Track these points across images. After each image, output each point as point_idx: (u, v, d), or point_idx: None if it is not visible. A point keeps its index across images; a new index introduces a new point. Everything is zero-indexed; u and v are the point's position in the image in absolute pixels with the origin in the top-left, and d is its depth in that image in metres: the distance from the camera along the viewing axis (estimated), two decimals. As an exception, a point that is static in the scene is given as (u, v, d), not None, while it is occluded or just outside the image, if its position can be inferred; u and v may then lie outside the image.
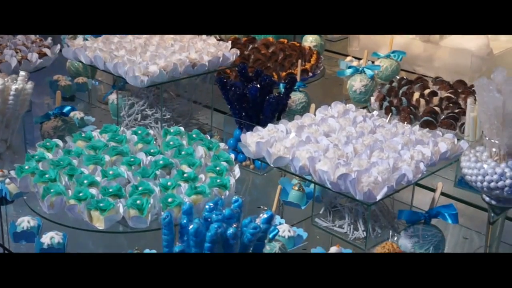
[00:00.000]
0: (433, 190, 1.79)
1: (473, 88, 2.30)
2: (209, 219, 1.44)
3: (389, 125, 1.99)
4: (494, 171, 1.55)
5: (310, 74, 2.69)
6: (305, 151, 1.78)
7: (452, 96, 2.38)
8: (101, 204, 1.70)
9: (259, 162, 2.12)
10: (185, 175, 1.85)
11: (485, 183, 1.56)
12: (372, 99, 2.43)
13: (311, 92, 2.59)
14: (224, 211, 1.45)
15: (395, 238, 1.68)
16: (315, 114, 2.07)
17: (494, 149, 1.57)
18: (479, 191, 1.62)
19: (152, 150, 1.98)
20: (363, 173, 1.66)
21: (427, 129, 2.00)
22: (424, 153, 1.79)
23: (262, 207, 1.56)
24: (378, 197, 1.64)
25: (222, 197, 1.75)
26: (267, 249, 1.62)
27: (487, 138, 1.57)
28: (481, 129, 1.63)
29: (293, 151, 1.80)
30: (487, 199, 1.62)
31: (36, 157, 1.94)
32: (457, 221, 1.71)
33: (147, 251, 1.68)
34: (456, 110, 2.26)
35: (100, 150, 1.98)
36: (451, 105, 2.31)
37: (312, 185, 1.95)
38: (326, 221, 1.91)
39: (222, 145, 2.07)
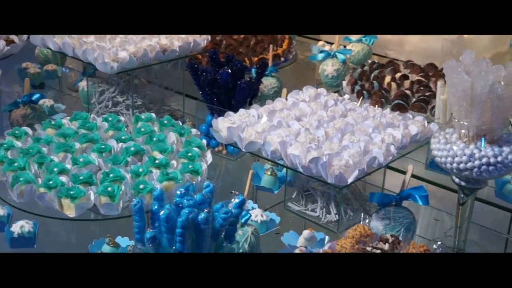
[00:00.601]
0: (405, 173, 1.80)
1: (443, 71, 2.32)
2: (180, 205, 1.43)
3: (360, 109, 1.99)
4: (463, 153, 1.56)
5: (282, 59, 2.69)
6: (277, 135, 1.78)
7: (423, 79, 2.39)
8: (71, 192, 1.68)
9: (232, 147, 2.12)
10: (156, 161, 1.84)
11: (454, 165, 1.58)
12: (344, 83, 2.43)
13: (283, 77, 2.59)
14: (195, 196, 1.45)
15: (367, 221, 1.69)
16: (286, 99, 2.07)
17: (463, 131, 1.58)
18: (449, 172, 1.63)
19: (123, 137, 1.97)
20: (334, 156, 1.67)
21: (398, 112, 2.01)
22: (395, 136, 1.80)
23: (233, 192, 1.56)
24: (349, 180, 1.65)
25: (194, 182, 1.75)
26: (240, 233, 1.62)
27: (456, 120, 1.58)
28: (450, 111, 1.64)
29: (264, 136, 1.80)
30: (456, 180, 1.64)
31: (5, 145, 1.91)
32: (427, 202, 1.73)
33: (119, 238, 1.67)
34: (427, 93, 2.27)
35: (70, 137, 1.96)
36: (422, 88, 2.32)
37: (284, 170, 1.96)
38: (299, 205, 1.92)
39: (194, 131, 2.06)
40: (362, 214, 1.70)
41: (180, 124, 2.10)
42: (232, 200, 1.49)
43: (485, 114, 1.53)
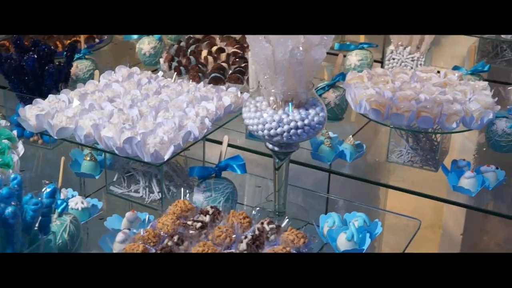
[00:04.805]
0: (226, 145, 1.82)
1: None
2: (-16, 201, 1.35)
3: (175, 85, 1.99)
4: (273, 119, 1.60)
5: (97, 40, 2.61)
6: (89, 119, 1.73)
7: (239, 51, 2.43)
8: None
9: (48, 136, 2.03)
10: (-39, 159, 1.72)
11: (265, 131, 1.61)
12: (161, 60, 2.41)
13: (102, 58, 2.53)
14: (1, 190, 1.37)
15: (187, 196, 1.69)
16: (99, 81, 2.02)
17: (271, 98, 1.62)
18: (262, 139, 1.67)
19: None
20: (148, 134, 1.65)
21: (211, 85, 2.02)
22: (209, 109, 1.81)
23: (44, 181, 1.50)
24: (166, 157, 1.64)
25: (1, 176, 1.65)
26: (57, 223, 1.56)
27: (263, 88, 1.62)
28: (258, 80, 1.67)
29: (76, 120, 1.74)
30: (270, 146, 1.68)
31: None
32: (245, 170, 1.76)
33: None
34: (243, 64, 2.31)
35: None
36: (238, 59, 2.36)
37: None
38: (121, 187, 1.88)
39: (3, 122, 1.94)
40: (182, 190, 1.70)
41: (-12, 117, 1.98)
42: (43, 190, 1.43)
43: (289, 79, 1.57)
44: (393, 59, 2.40)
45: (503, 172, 1.87)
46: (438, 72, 2.14)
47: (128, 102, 1.83)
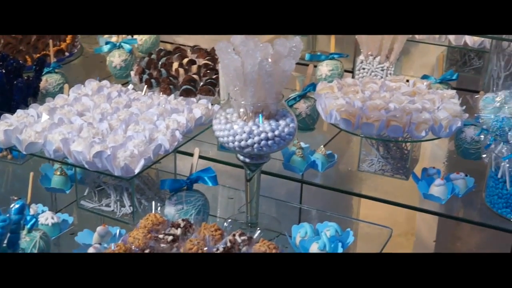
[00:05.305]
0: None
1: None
2: (-49, 219, 1.34)
3: (145, 98, 1.98)
4: (243, 130, 1.60)
5: (67, 53, 2.60)
6: (58, 133, 1.72)
7: (210, 63, 2.43)
8: None
9: (17, 151, 2.01)
10: None
11: (236, 143, 1.62)
12: (132, 73, 2.40)
13: (72, 72, 2.51)
14: (-32, 208, 1.36)
15: (159, 209, 1.68)
16: (68, 95, 2.01)
17: (241, 109, 1.62)
18: (233, 151, 1.67)
19: None
20: (118, 148, 1.64)
21: (182, 97, 2.02)
22: (179, 121, 1.81)
23: (12, 197, 1.49)
24: (136, 170, 1.63)
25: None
26: (27, 240, 1.55)
27: (233, 99, 1.62)
28: (228, 92, 1.68)
29: (45, 135, 1.72)
30: (241, 158, 1.69)
31: None
32: (216, 183, 1.76)
33: None
34: (214, 76, 2.31)
35: None
36: (209, 71, 2.36)
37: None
38: (92, 202, 1.87)
39: (-30, 139, 1.92)
40: (154, 203, 1.69)
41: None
42: (12, 206, 1.42)
43: (258, 91, 1.58)
44: (363, 69, 2.42)
45: (472, 179, 1.89)
46: (407, 81, 2.17)
47: (98, 116, 1.82)
